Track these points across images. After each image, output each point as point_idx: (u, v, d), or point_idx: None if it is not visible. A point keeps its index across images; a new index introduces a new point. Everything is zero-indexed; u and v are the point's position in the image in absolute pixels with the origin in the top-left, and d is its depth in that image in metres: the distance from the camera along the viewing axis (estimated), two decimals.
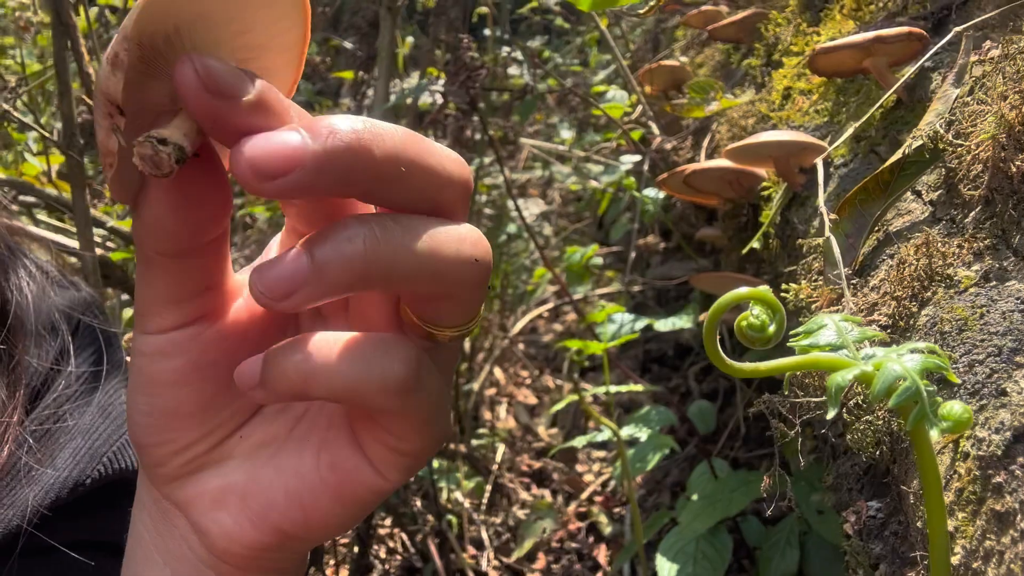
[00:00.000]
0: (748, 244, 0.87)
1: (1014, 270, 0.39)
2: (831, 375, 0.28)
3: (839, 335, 0.30)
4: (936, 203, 0.52)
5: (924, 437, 0.28)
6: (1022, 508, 0.28)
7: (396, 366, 0.31)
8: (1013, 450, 0.30)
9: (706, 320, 0.28)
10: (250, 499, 0.36)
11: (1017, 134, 0.41)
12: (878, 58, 0.65)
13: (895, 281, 0.45)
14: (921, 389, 0.26)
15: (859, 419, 0.41)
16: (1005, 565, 0.27)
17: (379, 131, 0.29)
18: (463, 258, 0.30)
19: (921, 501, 0.35)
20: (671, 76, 1.61)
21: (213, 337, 0.34)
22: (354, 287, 0.29)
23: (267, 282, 0.28)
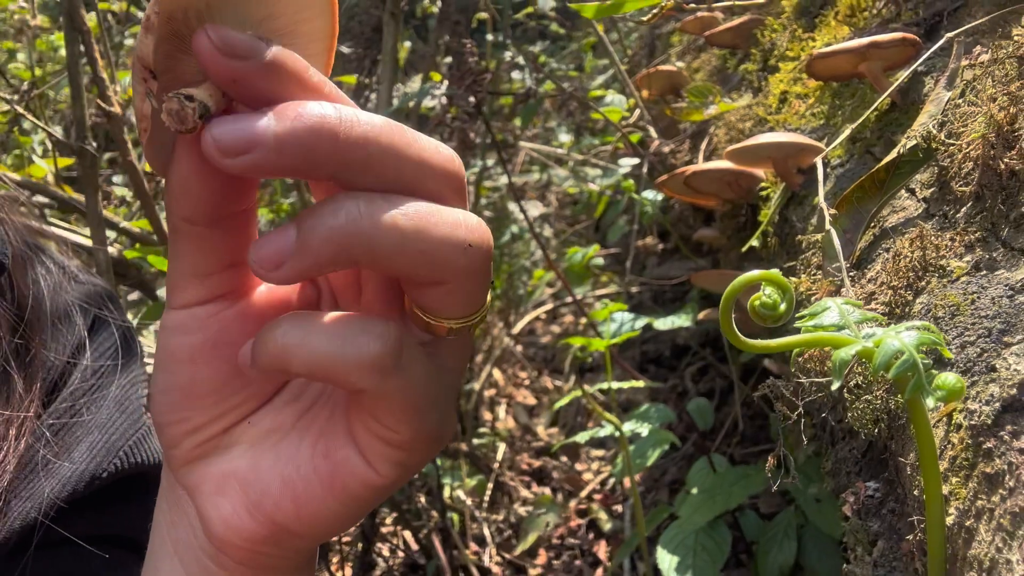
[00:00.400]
0: (747, 243, 0.89)
1: (1003, 260, 0.42)
2: (835, 351, 0.31)
3: (842, 316, 0.33)
4: (929, 200, 0.55)
5: (920, 407, 0.31)
6: (1010, 468, 0.31)
7: (372, 343, 0.31)
8: (1002, 419, 0.33)
9: (722, 300, 0.30)
10: (248, 486, 0.36)
11: (1005, 133, 0.44)
12: (873, 63, 0.68)
13: (891, 272, 0.48)
14: (918, 362, 0.29)
15: (859, 398, 0.44)
16: (995, 520, 0.30)
17: (349, 118, 0.29)
18: (455, 241, 0.31)
19: (917, 471, 0.38)
20: (668, 80, 1.64)
21: (232, 316, 0.35)
22: (338, 261, 0.30)
23: (259, 253, 0.30)
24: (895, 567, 0.47)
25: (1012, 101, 0.45)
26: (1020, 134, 0.43)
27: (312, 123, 0.29)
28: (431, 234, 0.30)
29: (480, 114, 1.00)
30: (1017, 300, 0.38)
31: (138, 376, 0.60)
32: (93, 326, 0.60)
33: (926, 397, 0.29)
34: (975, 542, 0.31)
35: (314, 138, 0.29)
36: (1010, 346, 0.35)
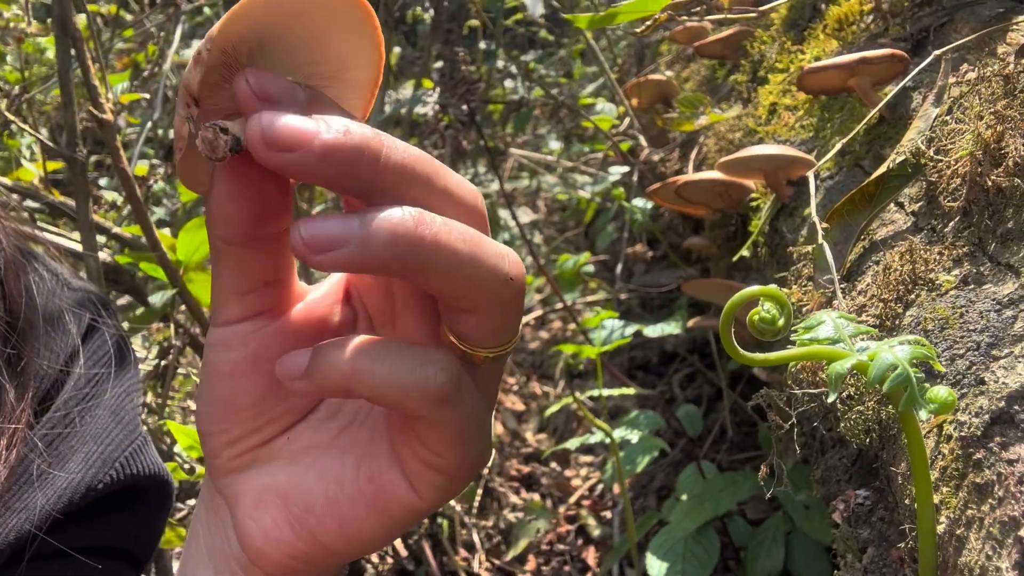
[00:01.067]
0: (737, 252, 0.91)
1: (990, 274, 0.43)
2: (831, 365, 0.32)
3: (836, 330, 0.34)
4: (917, 214, 0.56)
5: (912, 419, 0.32)
6: (999, 479, 0.32)
7: (437, 373, 0.32)
8: (991, 431, 0.34)
9: (722, 315, 0.31)
10: (291, 502, 0.37)
11: (992, 151, 0.46)
12: (862, 78, 0.70)
13: (881, 285, 0.49)
14: (911, 375, 0.30)
15: (851, 409, 0.45)
16: (985, 529, 0.31)
17: (391, 143, 0.31)
18: (500, 272, 0.32)
19: (909, 481, 0.39)
20: (658, 90, 1.65)
21: (271, 333, 0.36)
22: (391, 266, 0.30)
23: (311, 230, 0.30)
24: (885, 573, 0.48)
25: (999, 120, 0.46)
26: (1007, 152, 0.45)
27: (358, 140, 0.30)
28: (483, 262, 0.31)
29: (474, 122, 1.01)
30: (1004, 314, 0.39)
31: (133, 384, 0.60)
32: (87, 333, 0.59)
33: (919, 410, 0.30)
34: (966, 550, 0.32)
35: (356, 154, 0.30)
36: (998, 359, 0.36)
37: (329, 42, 0.33)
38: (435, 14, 1.28)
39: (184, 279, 1.00)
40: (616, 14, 0.85)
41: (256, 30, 0.31)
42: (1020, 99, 0.48)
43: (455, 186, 0.33)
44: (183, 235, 1.00)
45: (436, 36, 1.27)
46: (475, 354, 0.34)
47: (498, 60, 1.52)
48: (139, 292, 1.01)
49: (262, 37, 0.32)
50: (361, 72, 0.34)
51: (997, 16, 0.75)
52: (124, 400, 0.58)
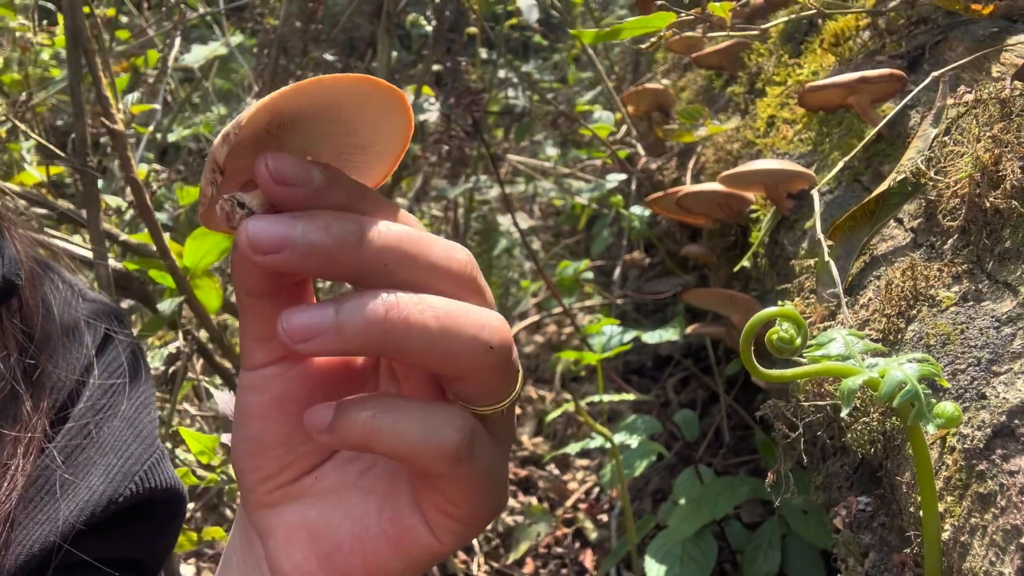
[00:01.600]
0: (737, 262, 0.93)
1: (988, 292, 0.45)
2: (844, 381, 0.34)
3: (847, 347, 0.36)
4: (917, 230, 0.58)
5: (919, 432, 0.34)
6: (1001, 489, 0.34)
7: (452, 434, 0.34)
8: (993, 443, 0.36)
9: (742, 335, 0.33)
10: (320, 539, 0.39)
11: (990, 173, 0.48)
12: (862, 96, 0.72)
13: (884, 300, 0.51)
14: (919, 392, 0.32)
15: (857, 420, 0.47)
16: (988, 536, 0.33)
17: (373, 231, 0.33)
18: (478, 343, 0.33)
19: (913, 490, 0.41)
20: (654, 98, 1.68)
21: (295, 376, 0.38)
22: (368, 349, 0.33)
23: (291, 323, 0.32)
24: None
25: (996, 143, 0.48)
26: (1004, 175, 0.47)
27: (337, 235, 0.32)
28: (457, 336, 0.33)
29: (478, 133, 1.03)
30: (1003, 332, 0.41)
31: (148, 396, 0.61)
32: (102, 344, 0.60)
33: (927, 424, 0.32)
34: (969, 556, 0.34)
35: (337, 248, 0.32)
36: (998, 375, 0.38)
37: (363, 121, 0.35)
38: (437, 24, 1.30)
39: (191, 285, 1.01)
40: (620, 29, 0.87)
41: (288, 114, 0.33)
42: (1016, 123, 0.50)
43: (441, 258, 0.34)
44: (190, 242, 1.02)
45: (438, 45, 1.29)
46: (475, 412, 0.36)
47: (499, 70, 1.54)
48: (148, 299, 1.02)
49: (295, 117, 0.34)
50: (390, 144, 0.36)
51: (991, 35, 0.77)
52: (140, 412, 0.59)
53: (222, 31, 1.94)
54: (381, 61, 1.53)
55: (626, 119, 1.73)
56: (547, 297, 2.14)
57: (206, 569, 1.42)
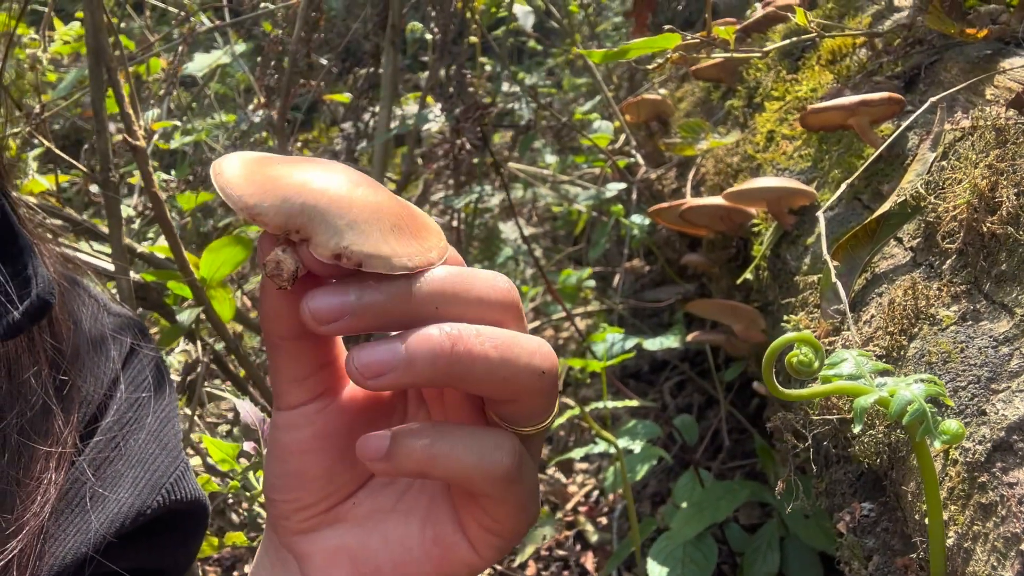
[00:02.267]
0: (739, 274, 0.96)
1: (986, 312, 0.48)
2: (856, 399, 0.37)
3: (857, 367, 0.39)
4: (916, 249, 0.61)
5: (925, 447, 0.37)
6: (1002, 500, 0.37)
7: (505, 458, 0.35)
8: (993, 457, 0.39)
9: (764, 361, 0.36)
10: (359, 562, 0.40)
11: (987, 199, 0.51)
12: (861, 117, 0.75)
13: (887, 317, 0.54)
14: (927, 411, 0.35)
15: (864, 433, 0.50)
16: (990, 543, 0.36)
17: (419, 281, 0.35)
18: (532, 369, 0.35)
19: (918, 498, 0.44)
20: (653, 108, 1.71)
21: (335, 410, 0.40)
22: (434, 381, 0.34)
23: (363, 360, 0.34)
24: None
25: (992, 171, 0.52)
26: (1000, 201, 0.50)
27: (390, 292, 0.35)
28: (516, 364, 0.35)
29: (486, 145, 1.05)
30: (1001, 351, 0.44)
31: (172, 409, 0.62)
32: (127, 357, 0.61)
33: (933, 440, 0.35)
34: (972, 561, 0.37)
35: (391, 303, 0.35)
36: (997, 393, 0.42)
37: None
38: (442, 36, 1.33)
39: (208, 296, 1.03)
40: (628, 49, 0.90)
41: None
42: (1011, 151, 0.53)
43: (486, 290, 0.36)
44: (206, 254, 1.04)
45: (443, 58, 1.31)
46: (517, 432, 0.37)
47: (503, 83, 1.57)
48: (165, 309, 1.05)
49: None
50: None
51: (985, 57, 0.80)
52: (165, 424, 0.60)
53: (225, 39, 1.96)
54: (385, 72, 1.56)
55: (625, 128, 1.76)
56: (544, 302, 2.17)
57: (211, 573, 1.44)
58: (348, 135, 1.60)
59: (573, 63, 2.77)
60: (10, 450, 0.50)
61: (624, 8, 2.88)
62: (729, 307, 0.96)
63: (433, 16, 1.45)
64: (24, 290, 0.51)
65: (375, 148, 1.52)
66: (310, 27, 1.77)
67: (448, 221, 1.88)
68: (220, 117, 2.08)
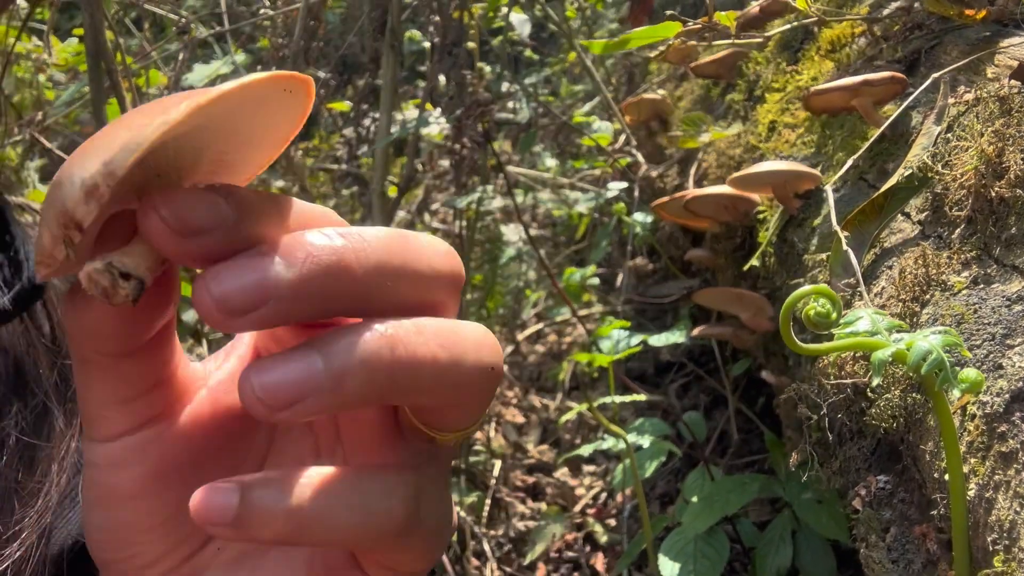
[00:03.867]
0: (746, 263, 0.96)
1: (997, 275, 0.48)
2: (874, 353, 0.37)
3: (873, 324, 0.39)
4: (924, 223, 0.61)
5: (943, 400, 0.37)
6: (1022, 447, 0.37)
7: (397, 507, 0.28)
8: (1011, 407, 0.39)
9: (782, 311, 0.36)
10: None
11: (994, 165, 0.51)
12: (865, 98, 0.75)
13: (899, 286, 0.54)
14: (944, 360, 0.35)
15: (880, 397, 0.50)
16: (1012, 490, 0.36)
17: (361, 245, 0.26)
18: (481, 367, 0.28)
19: (937, 457, 0.44)
20: (652, 108, 1.72)
21: (173, 439, 0.31)
22: (370, 400, 0.26)
23: (267, 384, 0.24)
24: (907, 549, 0.53)
25: (999, 137, 0.52)
26: (1008, 166, 0.50)
27: (328, 262, 0.25)
28: (465, 363, 0.27)
29: (488, 142, 1.06)
30: (1015, 309, 0.44)
31: None
32: None
33: (953, 389, 0.35)
34: (995, 510, 0.37)
35: (331, 278, 0.25)
36: (1013, 347, 0.42)
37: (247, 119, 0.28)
38: (442, 39, 1.34)
39: None
40: (628, 39, 0.91)
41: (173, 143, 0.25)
42: (1017, 118, 0.53)
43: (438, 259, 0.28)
44: None
45: (443, 60, 1.32)
46: (444, 438, 0.30)
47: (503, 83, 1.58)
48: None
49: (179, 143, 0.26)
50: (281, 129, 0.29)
51: (984, 39, 0.81)
52: None
53: (223, 50, 1.97)
54: (385, 77, 1.56)
55: (625, 129, 1.77)
56: (547, 307, 2.18)
57: None
58: (349, 140, 1.61)
59: (570, 71, 2.78)
60: (9, 451, 0.49)
61: (620, 15, 2.90)
62: (736, 295, 0.96)
63: (432, 21, 1.46)
64: (16, 276, 0.50)
65: (376, 153, 1.52)
66: (309, 35, 1.78)
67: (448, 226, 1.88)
68: None
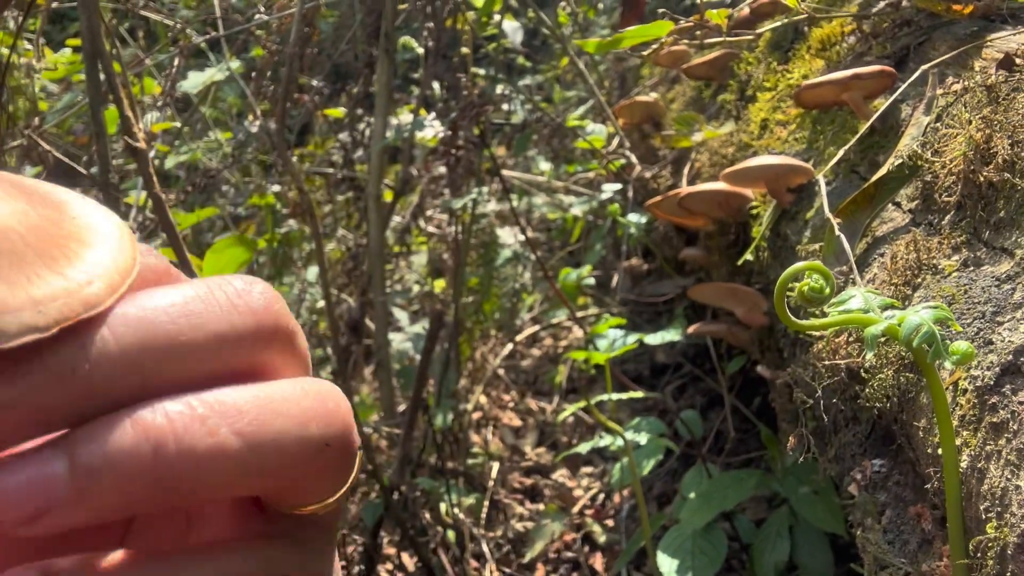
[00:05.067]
0: (739, 258, 0.97)
1: (986, 258, 0.49)
2: (867, 328, 0.37)
3: (866, 302, 0.40)
4: (915, 211, 0.63)
5: (935, 373, 0.38)
6: (1013, 416, 0.38)
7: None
8: (1002, 380, 0.40)
9: (777, 285, 0.37)
10: None
11: (983, 151, 0.52)
12: (855, 92, 0.77)
13: (890, 271, 0.55)
14: (936, 333, 0.36)
15: (873, 377, 0.51)
16: (1003, 458, 0.37)
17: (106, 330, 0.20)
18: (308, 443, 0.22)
19: (930, 433, 0.45)
20: (645, 110, 1.73)
21: None
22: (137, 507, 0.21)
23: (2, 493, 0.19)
24: (903, 530, 0.54)
25: (987, 124, 0.53)
26: (996, 151, 0.51)
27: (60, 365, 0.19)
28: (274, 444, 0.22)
29: (485, 143, 1.07)
30: (1004, 288, 0.45)
31: None
32: None
33: (944, 361, 0.36)
34: (987, 479, 0.38)
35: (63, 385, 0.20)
36: (1002, 324, 0.43)
37: None
38: (436, 43, 1.35)
39: None
40: (622, 39, 0.92)
41: None
42: (1004, 105, 0.55)
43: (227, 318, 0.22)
44: (210, 255, 1.05)
45: (437, 64, 1.33)
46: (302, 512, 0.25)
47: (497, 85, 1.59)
48: None
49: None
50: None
51: (971, 34, 0.82)
52: None
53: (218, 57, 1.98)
54: (380, 80, 1.57)
55: (618, 131, 1.78)
56: (543, 310, 2.18)
57: None
58: (344, 144, 1.62)
59: (562, 77, 2.80)
60: None
61: (612, 22, 2.92)
62: (730, 290, 0.97)
63: (426, 26, 1.47)
64: None
65: (372, 156, 1.53)
66: (303, 41, 1.79)
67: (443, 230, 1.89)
68: (216, 135, 2.09)
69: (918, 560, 0.48)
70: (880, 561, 0.51)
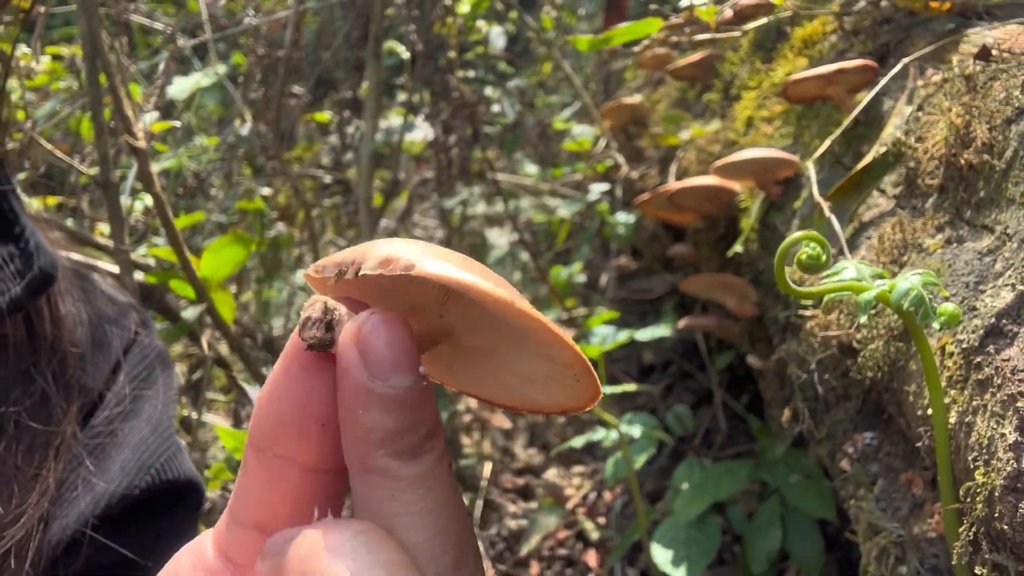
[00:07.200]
0: (729, 250, 1.00)
1: (969, 235, 0.52)
2: (860, 295, 0.40)
3: (859, 272, 0.42)
4: (899, 196, 0.65)
5: (923, 336, 0.40)
6: (997, 372, 0.40)
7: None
8: (986, 341, 0.42)
9: (776, 255, 0.39)
10: None
11: (963, 135, 0.55)
12: (839, 86, 0.79)
13: (878, 251, 0.58)
14: (924, 296, 0.38)
15: (865, 347, 0.53)
16: (989, 411, 0.39)
17: None
18: None
19: (919, 396, 0.47)
20: (631, 112, 1.76)
21: None
22: None
23: None
24: (895, 497, 0.56)
25: (966, 110, 0.56)
26: (975, 135, 0.54)
27: None
28: None
29: (477, 142, 1.09)
30: (985, 260, 0.48)
31: (171, 396, 0.62)
32: (129, 349, 0.61)
33: (932, 322, 0.38)
34: (974, 432, 0.40)
35: None
36: (985, 291, 0.45)
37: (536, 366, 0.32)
38: (424, 46, 1.37)
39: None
40: (612, 36, 0.95)
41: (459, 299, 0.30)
42: (981, 93, 0.57)
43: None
44: (207, 254, 1.06)
45: (426, 66, 1.35)
46: None
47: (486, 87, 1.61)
48: (168, 309, 1.06)
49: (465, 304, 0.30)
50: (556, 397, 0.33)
51: (949, 31, 0.86)
52: (162, 412, 0.60)
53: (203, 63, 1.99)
54: (370, 83, 1.59)
55: (605, 133, 1.81)
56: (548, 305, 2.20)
57: None
58: (334, 147, 1.63)
59: (545, 82, 2.83)
60: (7, 437, 0.50)
61: (594, 26, 2.96)
62: (721, 281, 0.99)
63: (413, 30, 1.49)
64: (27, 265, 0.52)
65: (361, 160, 1.55)
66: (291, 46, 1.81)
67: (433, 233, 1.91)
68: (200, 141, 2.10)
69: (910, 524, 0.51)
70: (874, 527, 0.53)
